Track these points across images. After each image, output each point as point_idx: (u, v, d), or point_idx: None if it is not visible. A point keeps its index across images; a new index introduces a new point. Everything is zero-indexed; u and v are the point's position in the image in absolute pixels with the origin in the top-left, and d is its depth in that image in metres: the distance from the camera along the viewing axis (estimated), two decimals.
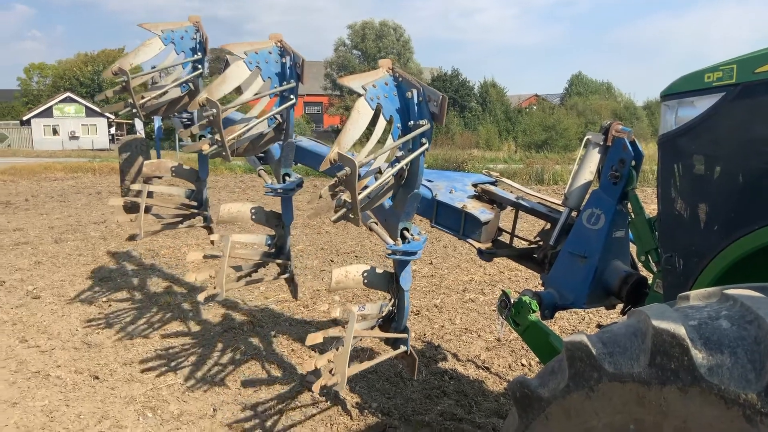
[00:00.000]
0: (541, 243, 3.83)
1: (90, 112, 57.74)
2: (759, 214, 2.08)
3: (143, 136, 6.20)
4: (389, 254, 3.48)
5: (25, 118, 56.56)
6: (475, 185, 4.19)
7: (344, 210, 2.99)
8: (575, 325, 6.70)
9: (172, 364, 5.60)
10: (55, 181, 21.81)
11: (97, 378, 5.30)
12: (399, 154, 3.29)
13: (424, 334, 6.42)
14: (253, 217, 4.66)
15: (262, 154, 5.14)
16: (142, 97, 4.97)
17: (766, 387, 1.30)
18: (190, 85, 5.22)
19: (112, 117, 59.48)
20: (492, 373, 5.53)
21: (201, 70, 5.18)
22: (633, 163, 3.14)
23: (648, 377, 1.51)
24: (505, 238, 4.13)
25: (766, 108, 2.07)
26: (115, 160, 29.84)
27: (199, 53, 5.13)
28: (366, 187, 3.05)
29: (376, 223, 3.76)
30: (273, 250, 4.97)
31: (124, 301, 7.41)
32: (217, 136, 3.88)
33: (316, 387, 3.30)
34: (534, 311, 3.35)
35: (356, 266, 3.62)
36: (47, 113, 56.78)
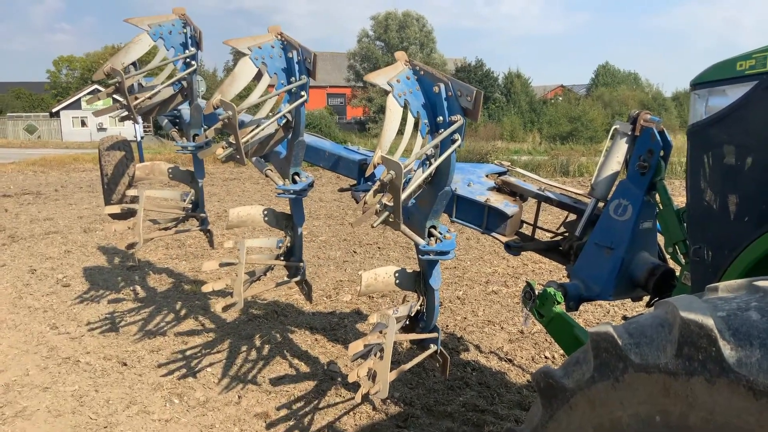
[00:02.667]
0: (566, 234, 3.79)
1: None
2: None
3: (121, 137, 5.76)
4: (422, 255, 3.37)
5: (54, 110, 57.57)
6: (492, 176, 4.12)
7: (387, 214, 2.91)
8: (600, 318, 6.64)
9: (198, 351, 5.69)
10: (83, 172, 22.21)
11: (125, 364, 5.41)
12: (430, 152, 3.16)
13: (447, 326, 6.42)
14: (266, 219, 4.46)
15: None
16: (135, 98, 4.75)
17: None
18: (183, 83, 4.96)
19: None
20: (515, 365, 5.52)
21: (195, 67, 4.89)
22: (661, 153, 3.10)
23: (675, 368, 1.49)
24: (526, 229, 4.08)
25: None
26: (144, 152, 30.22)
27: (192, 48, 4.83)
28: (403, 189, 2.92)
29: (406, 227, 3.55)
30: (284, 252, 4.76)
31: (151, 290, 7.55)
32: (232, 139, 3.66)
33: (358, 396, 3.25)
34: (559, 303, 3.33)
35: (384, 268, 3.53)
36: (76, 105, 57.70)
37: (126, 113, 4.81)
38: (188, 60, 4.88)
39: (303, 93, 4.01)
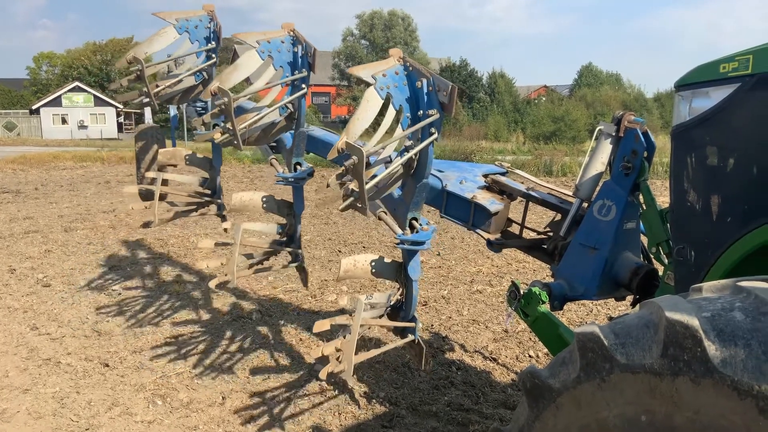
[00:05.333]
0: (551, 234, 3.81)
1: (99, 102, 57.83)
2: None
3: (153, 124, 6.22)
4: (398, 244, 3.49)
5: (34, 108, 56.76)
6: (485, 176, 4.17)
7: (352, 199, 3.02)
8: (583, 317, 6.69)
9: (182, 352, 5.64)
10: (64, 170, 21.93)
11: (107, 365, 5.34)
12: (408, 143, 3.28)
13: (432, 325, 6.43)
14: (265, 205, 4.67)
15: (274, 144, 5.14)
16: (156, 86, 4.97)
17: None
18: (204, 74, 5.21)
19: (121, 106, 59.69)
20: (499, 364, 5.54)
21: (215, 60, 5.16)
22: (645, 154, 3.12)
23: (660, 368, 1.50)
24: (515, 229, 4.12)
25: None
26: (124, 149, 30.02)
27: (213, 42, 5.11)
28: (374, 176, 3.05)
29: (386, 213, 3.76)
30: (284, 239, 5.00)
31: (134, 290, 7.47)
32: (229, 125, 3.90)
33: (323, 373, 3.34)
34: (543, 302, 3.34)
35: (365, 255, 3.63)
36: (56, 102, 56.94)
37: (148, 99, 4.98)
38: (210, 53, 5.14)
39: (303, 85, 4.22)
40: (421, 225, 3.52)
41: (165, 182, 5.22)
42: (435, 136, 3.16)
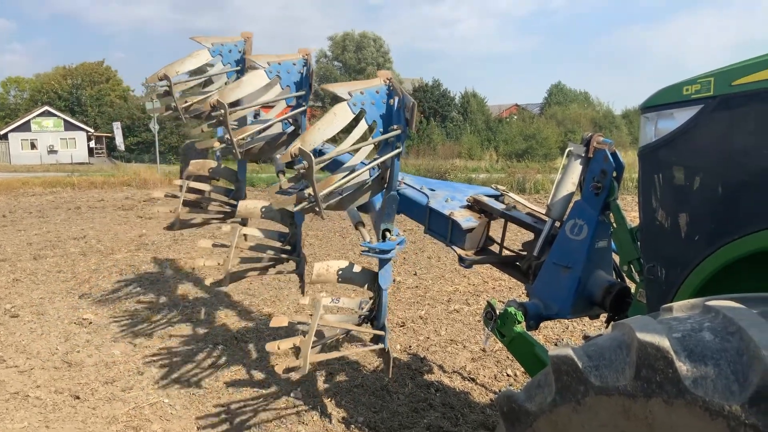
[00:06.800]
0: (525, 253, 3.85)
1: (69, 126, 57.13)
2: (738, 224, 2.10)
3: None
4: (363, 251, 3.70)
5: (2, 133, 55.77)
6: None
7: (305, 202, 3.29)
8: (560, 334, 6.73)
9: (155, 381, 5.52)
10: (33, 197, 21.50)
11: (77, 398, 5.20)
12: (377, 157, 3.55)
13: (410, 346, 6.41)
14: (263, 215, 4.85)
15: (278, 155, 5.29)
16: (186, 101, 5.10)
17: (750, 398, 1.31)
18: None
19: (92, 130, 59.00)
20: (478, 384, 5.53)
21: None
22: (614, 174, 3.18)
23: (634, 390, 1.52)
24: (496, 248, 4.16)
25: (743, 120, 2.11)
26: (95, 174, 29.65)
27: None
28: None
29: (363, 224, 4.05)
30: (288, 247, 5.25)
31: (105, 318, 7.31)
32: (227, 136, 4.13)
33: (279, 368, 3.51)
34: (519, 322, 3.36)
35: (338, 262, 3.82)
36: (25, 127, 56.06)
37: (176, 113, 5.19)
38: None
39: (303, 103, 4.48)
40: (392, 236, 3.76)
41: (200, 192, 5.67)
42: (399, 150, 3.46)
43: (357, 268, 3.86)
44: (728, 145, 2.16)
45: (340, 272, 3.77)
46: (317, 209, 3.30)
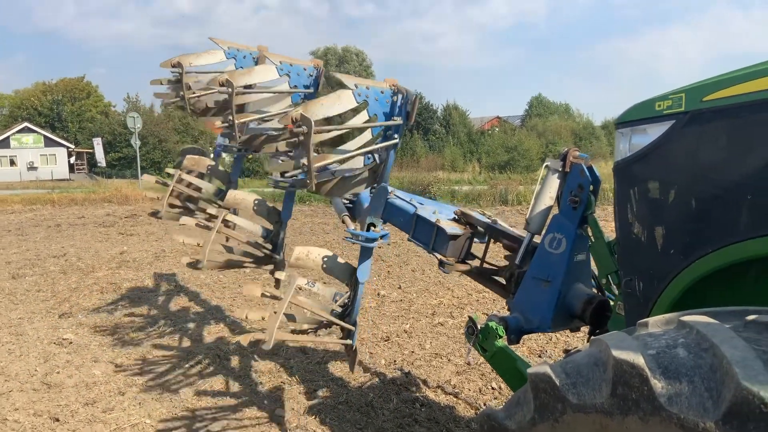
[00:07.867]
0: (506, 264, 3.85)
1: (49, 142, 56.54)
2: (711, 237, 2.13)
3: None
4: (347, 237, 3.85)
5: None
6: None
7: (298, 171, 3.43)
8: (543, 346, 6.75)
9: (136, 402, 5.44)
10: (12, 214, 21.21)
11: (57, 420, 5.10)
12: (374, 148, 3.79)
13: (395, 361, 6.38)
14: (255, 208, 4.88)
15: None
16: (193, 93, 5.14)
17: (724, 415, 1.32)
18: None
19: (72, 146, 58.43)
20: (462, 399, 5.52)
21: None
22: (591, 188, 3.20)
23: (610, 407, 1.52)
24: (477, 263, 4.17)
25: (714, 135, 2.14)
26: (75, 191, 29.29)
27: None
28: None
29: (348, 216, 4.20)
30: (269, 245, 5.29)
31: (85, 338, 7.20)
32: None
33: (244, 339, 3.51)
34: (501, 337, 3.36)
35: (319, 249, 3.99)
36: (4, 144, 55.40)
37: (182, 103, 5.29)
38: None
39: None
40: (375, 229, 3.96)
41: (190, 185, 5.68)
42: (396, 141, 3.67)
43: (337, 259, 3.98)
44: (700, 160, 2.19)
45: (320, 259, 3.88)
46: (308, 181, 3.37)
